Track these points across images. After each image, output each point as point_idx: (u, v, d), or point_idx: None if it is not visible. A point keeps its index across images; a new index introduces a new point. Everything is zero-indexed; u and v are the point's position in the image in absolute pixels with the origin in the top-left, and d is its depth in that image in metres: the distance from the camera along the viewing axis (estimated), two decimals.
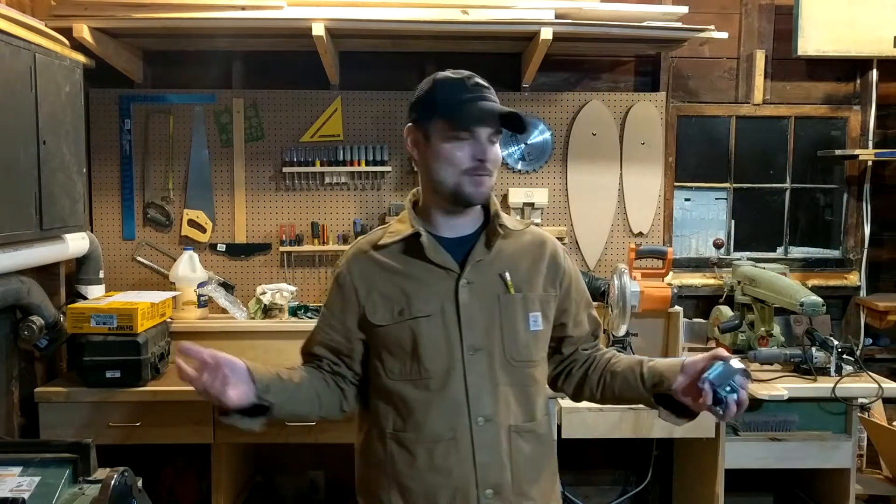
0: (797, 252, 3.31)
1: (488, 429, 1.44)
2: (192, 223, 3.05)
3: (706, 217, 3.30)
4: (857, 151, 3.11)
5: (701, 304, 3.20)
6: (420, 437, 1.44)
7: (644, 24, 2.72)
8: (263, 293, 2.88)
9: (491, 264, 1.48)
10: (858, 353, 2.97)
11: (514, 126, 1.43)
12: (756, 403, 2.50)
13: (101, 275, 2.73)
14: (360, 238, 1.58)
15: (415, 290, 1.46)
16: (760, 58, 3.14)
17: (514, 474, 1.46)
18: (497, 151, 1.45)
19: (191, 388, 2.56)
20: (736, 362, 1.34)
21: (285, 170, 3.01)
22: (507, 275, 1.48)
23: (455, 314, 1.45)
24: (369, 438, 1.52)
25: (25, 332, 2.35)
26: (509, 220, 1.54)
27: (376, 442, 1.50)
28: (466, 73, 1.46)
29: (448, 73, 1.47)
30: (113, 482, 1.25)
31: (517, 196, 3.04)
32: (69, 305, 2.50)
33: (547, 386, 1.59)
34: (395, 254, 1.49)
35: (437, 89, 1.45)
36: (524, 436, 1.48)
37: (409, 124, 1.50)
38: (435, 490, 1.45)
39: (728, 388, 1.32)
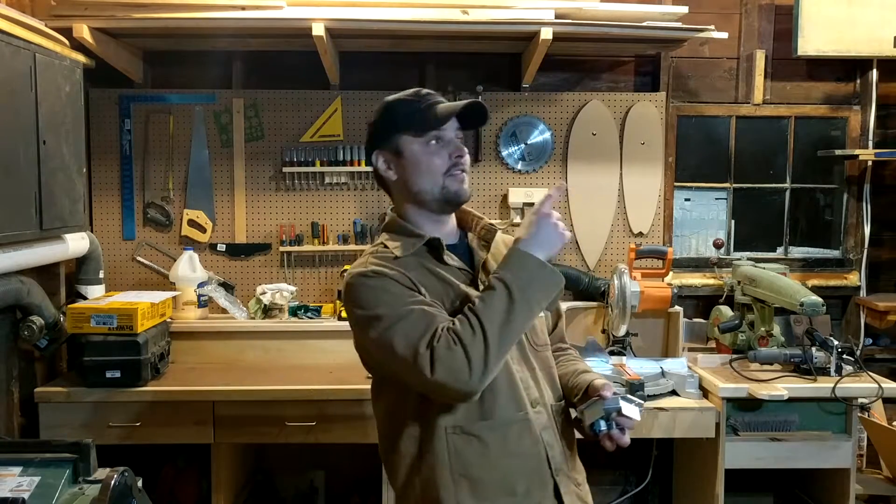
0: (797, 252, 3.31)
1: (540, 410, 1.49)
2: (192, 223, 3.05)
3: (706, 217, 3.30)
4: (857, 151, 3.11)
5: (701, 304, 3.20)
6: (493, 423, 1.43)
7: (644, 24, 2.72)
8: (263, 293, 2.88)
9: (491, 264, 1.52)
10: (858, 353, 2.97)
11: (473, 121, 1.50)
12: (756, 403, 2.50)
13: (101, 275, 2.74)
14: (366, 257, 1.49)
15: (456, 283, 1.48)
16: (760, 58, 3.14)
17: (565, 452, 1.51)
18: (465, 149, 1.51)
19: (190, 387, 2.58)
20: (619, 401, 1.41)
21: (285, 170, 3.01)
22: None
23: None
24: (424, 440, 1.45)
25: (25, 332, 2.36)
26: (492, 221, 1.62)
27: (433, 442, 1.43)
28: (419, 89, 1.52)
29: (397, 95, 1.52)
30: (113, 482, 1.24)
31: (517, 196, 3.04)
32: (69, 305, 2.50)
33: None
34: (415, 260, 1.48)
35: (394, 109, 1.50)
36: (561, 415, 1.55)
37: (375, 152, 1.52)
38: (512, 476, 1.44)
39: (601, 424, 1.42)
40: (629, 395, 1.45)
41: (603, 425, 1.41)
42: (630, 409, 1.41)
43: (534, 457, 1.46)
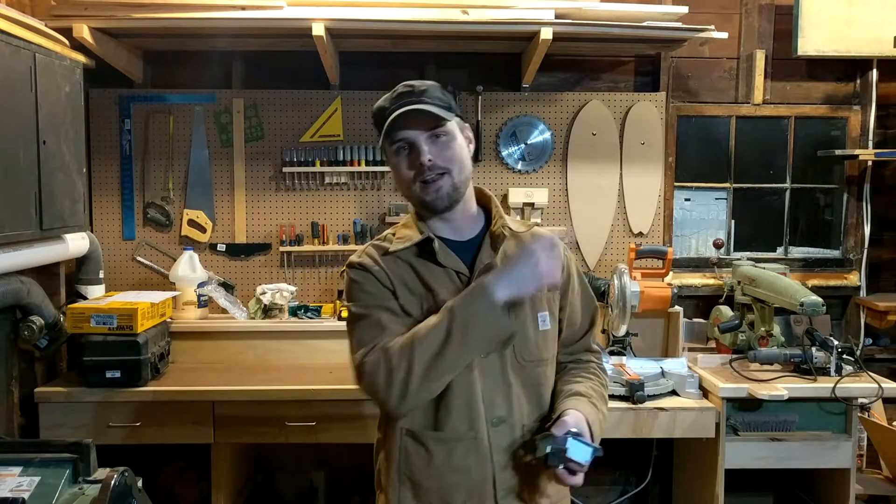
0: (797, 252, 3.31)
1: (503, 430, 1.45)
2: (192, 223, 3.05)
3: (706, 217, 3.30)
4: (857, 151, 3.11)
5: (701, 304, 3.20)
6: (441, 436, 1.44)
7: (644, 24, 2.72)
8: (263, 293, 2.88)
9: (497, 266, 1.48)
10: (858, 353, 2.97)
11: (434, 119, 1.42)
12: (756, 403, 2.50)
13: (101, 275, 2.74)
14: (367, 243, 1.55)
15: (438, 288, 1.46)
16: (760, 58, 3.14)
17: (529, 474, 1.47)
18: (442, 148, 1.43)
19: (190, 387, 2.58)
20: (566, 442, 1.35)
21: (285, 170, 3.01)
22: None
23: None
24: (387, 432, 1.51)
25: (25, 332, 2.36)
26: (512, 223, 1.54)
27: (392, 437, 1.49)
28: (401, 85, 1.46)
29: (381, 98, 1.48)
30: (113, 482, 1.25)
31: (517, 196, 3.04)
32: (69, 305, 2.50)
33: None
34: (409, 256, 1.48)
35: (375, 115, 1.48)
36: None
37: None
38: (451, 489, 1.45)
39: (553, 459, 1.36)
40: (583, 439, 1.37)
41: (553, 461, 1.36)
42: (578, 452, 1.35)
43: (478, 475, 1.45)
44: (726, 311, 2.92)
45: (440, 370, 1.36)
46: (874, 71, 3.12)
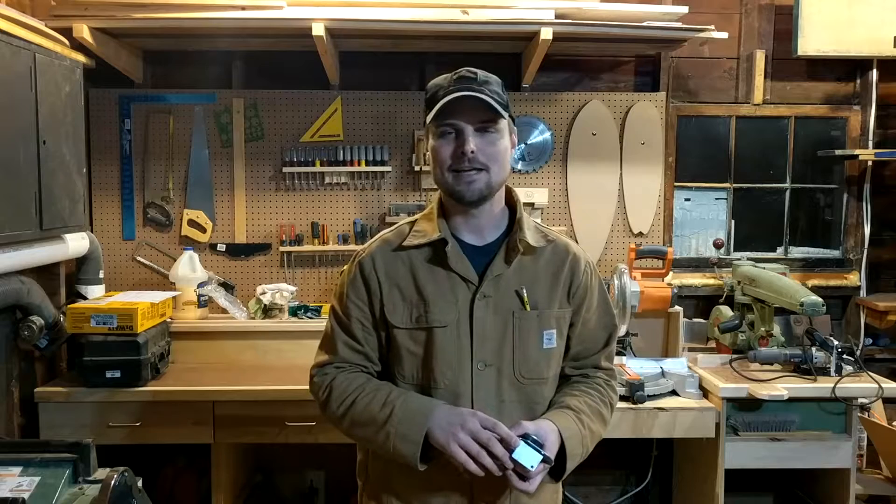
0: (797, 252, 3.31)
1: None
2: (192, 223, 3.05)
3: (706, 217, 3.30)
4: (857, 151, 3.11)
5: (701, 304, 3.20)
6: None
7: (644, 24, 2.72)
8: (263, 293, 2.88)
9: (509, 279, 1.45)
10: (858, 353, 2.97)
11: (491, 111, 1.38)
12: (756, 403, 2.50)
13: (101, 275, 2.74)
14: (384, 231, 1.53)
15: (433, 298, 1.43)
16: (760, 58, 3.14)
17: (513, 491, 1.43)
18: (488, 143, 1.38)
19: (190, 387, 2.58)
20: (519, 450, 1.32)
21: (285, 170, 3.01)
22: (524, 291, 1.44)
23: (468, 327, 1.43)
24: None
25: (25, 332, 2.35)
26: (532, 235, 1.47)
27: None
28: (465, 69, 1.42)
29: (445, 74, 1.44)
30: (113, 482, 1.24)
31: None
32: (69, 305, 2.50)
33: None
34: (419, 256, 1.45)
35: (428, 89, 1.44)
36: None
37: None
38: (430, 490, 1.45)
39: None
40: (535, 445, 1.32)
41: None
42: (525, 457, 1.30)
43: (454, 483, 1.43)
44: (726, 311, 2.92)
45: (359, 440, 1.49)
46: (874, 71, 3.13)
